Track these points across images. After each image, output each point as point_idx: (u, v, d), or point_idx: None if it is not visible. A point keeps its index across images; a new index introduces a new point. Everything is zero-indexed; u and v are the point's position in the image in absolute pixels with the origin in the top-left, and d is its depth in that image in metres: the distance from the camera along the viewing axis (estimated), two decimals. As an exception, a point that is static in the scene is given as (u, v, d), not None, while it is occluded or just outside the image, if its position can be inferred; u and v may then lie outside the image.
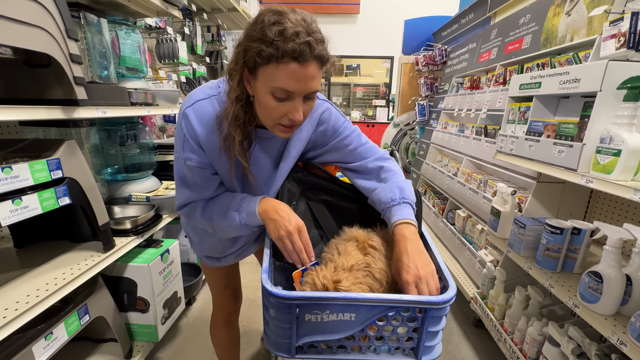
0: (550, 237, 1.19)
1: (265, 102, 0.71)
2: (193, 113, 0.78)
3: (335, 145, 0.91)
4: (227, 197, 0.85)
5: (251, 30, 0.67)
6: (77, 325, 1.09)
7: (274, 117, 0.73)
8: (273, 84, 0.67)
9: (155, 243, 1.53)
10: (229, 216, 0.81)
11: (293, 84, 0.67)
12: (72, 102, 0.95)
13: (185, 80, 2.42)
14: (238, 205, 0.81)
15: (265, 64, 0.66)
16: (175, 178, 0.87)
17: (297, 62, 0.65)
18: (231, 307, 1.21)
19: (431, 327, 0.64)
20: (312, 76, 0.68)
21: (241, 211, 0.80)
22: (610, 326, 0.92)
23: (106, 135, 1.63)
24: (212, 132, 0.78)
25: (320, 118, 0.89)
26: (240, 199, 0.83)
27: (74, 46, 0.93)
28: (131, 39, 1.60)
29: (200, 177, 0.83)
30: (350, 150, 0.92)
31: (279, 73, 0.66)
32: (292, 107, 0.71)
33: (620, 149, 0.90)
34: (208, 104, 0.79)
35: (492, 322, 1.54)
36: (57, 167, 0.95)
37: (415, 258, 0.69)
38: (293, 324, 0.64)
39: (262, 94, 0.70)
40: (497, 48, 2.22)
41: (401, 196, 0.81)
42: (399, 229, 0.76)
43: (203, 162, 0.81)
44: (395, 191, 0.82)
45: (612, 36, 1.20)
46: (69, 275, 1.02)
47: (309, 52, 0.64)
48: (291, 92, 0.68)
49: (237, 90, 0.73)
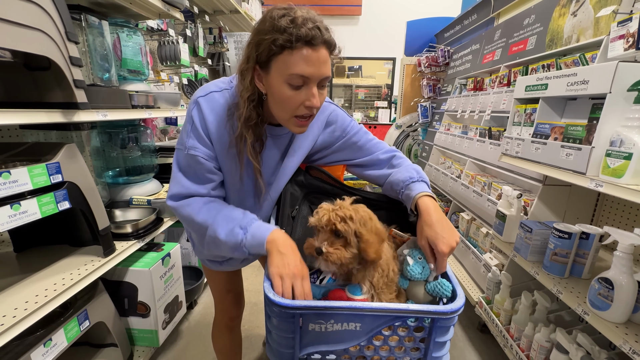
0: (558, 242, 1.17)
1: (280, 94, 0.71)
2: (206, 103, 0.78)
3: (343, 144, 0.93)
4: (234, 210, 0.79)
5: (261, 26, 0.70)
6: (76, 331, 1.07)
7: (291, 108, 0.73)
8: (288, 71, 0.68)
9: (156, 247, 1.51)
10: (232, 232, 0.74)
11: (308, 68, 0.68)
12: (72, 106, 0.94)
13: (187, 82, 2.41)
14: (246, 224, 0.74)
15: (279, 52, 0.68)
16: (172, 168, 0.82)
17: (310, 46, 0.67)
18: (233, 312, 1.19)
19: (439, 337, 0.62)
20: (324, 60, 0.70)
21: (247, 232, 0.73)
22: (621, 334, 0.90)
23: (107, 138, 1.62)
24: (222, 126, 0.78)
25: (328, 120, 0.91)
26: (250, 219, 0.76)
27: (74, 49, 0.92)
28: (133, 41, 1.60)
29: (200, 170, 0.79)
30: (359, 147, 0.94)
31: (293, 59, 0.67)
32: (308, 94, 0.71)
33: (631, 152, 0.88)
34: (220, 97, 0.79)
35: (497, 328, 1.51)
36: (56, 171, 0.94)
37: (446, 228, 0.72)
38: (296, 334, 0.62)
39: (277, 85, 0.71)
40: (501, 49, 2.20)
41: (418, 175, 0.85)
42: (424, 200, 0.77)
43: (207, 154, 0.78)
44: (412, 171, 0.86)
45: (620, 37, 1.18)
46: (68, 281, 1.01)
47: (320, 36, 0.67)
48: (307, 77, 0.69)
49: (249, 89, 0.74)
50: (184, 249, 1.95)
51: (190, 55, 2.32)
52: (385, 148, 0.95)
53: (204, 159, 0.78)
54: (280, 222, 0.85)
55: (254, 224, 0.75)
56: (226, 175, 0.85)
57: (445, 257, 0.70)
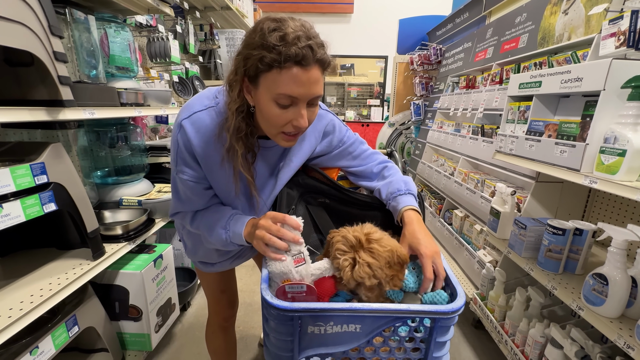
0: (552, 238, 1.18)
1: (268, 111, 0.69)
2: (190, 125, 0.76)
3: (339, 153, 0.94)
4: (215, 212, 0.84)
5: (250, 38, 0.66)
6: (65, 337, 1.04)
7: (278, 126, 0.71)
8: (276, 90, 0.65)
9: (148, 248, 1.48)
10: (216, 232, 0.79)
11: (297, 88, 0.65)
12: (57, 103, 0.90)
13: (177, 79, 2.36)
14: (226, 223, 0.79)
15: (267, 70, 0.65)
16: (171, 186, 0.87)
17: (300, 67, 0.64)
18: (227, 312, 1.18)
19: (440, 337, 0.61)
20: (315, 80, 0.67)
21: (228, 229, 0.78)
22: (616, 329, 0.91)
23: (95, 137, 1.57)
24: (209, 145, 0.76)
25: (325, 130, 0.91)
26: (228, 217, 0.80)
27: (58, 44, 0.88)
28: (121, 37, 1.55)
29: (192, 191, 0.82)
30: (353, 157, 0.96)
31: (282, 78, 0.64)
32: (297, 114, 0.69)
33: (625, 149, 0.88)
34: (206, 116, 0.77)
35: (492, 324, 1.52)
36: (41, 172, 0.90)
37: (427, 237, 0.74)
38: (295, 337, 0.60)
39: (265, 102, 0.69)
40: (493, 47, 2.21)
41: (406, 188, 0.86)
42: (408, 213, 0.79)
43: (196, 177, 0.80)
44: (401, 184, 0.87)
45: (611, 35, 1.19)
46: (55, 286, 0.97)
47: (311, 56, 0.64)
48: (295, 97, 0.66)
49: (238, 101, 0.72)
50: (176, 250, 1.91)
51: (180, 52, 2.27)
52: (378, 159, 0.97)
53: (193, 182, 0.80)
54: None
55: (231, 220, 0.79)
56: (220, 192, 0.85)
57: (428, 259, 0.69)
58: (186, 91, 2.47)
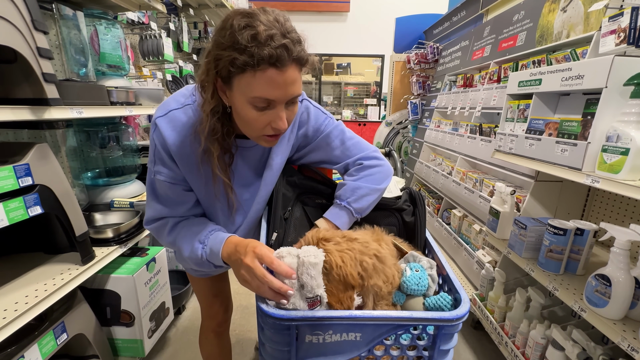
0: (553, 239, 1.16)
1: (245, 114, 0.65)
2: (165, 123, 0.71)
3: (317, 144, 0.86)
4: (194, 225, 0.77)
5: (219, 37, 0.61)
6: (53, 345, 1.00)
7: (257, 129, 0.67)
8: (251, 93, 0.61)
9: (140, 252, 1.44)
10: (193, 247, 0.72)
11: (273, 91, 0.61)
12: (41, 102, 0.86)
13: (171, 78, 2.32)
14: (204, 238, 0.72)
15: (240, 72, 0.60)
16: (146, 190, 0.79)
17: (275, 68, 0.59)
18: (221, 317, 1.15)
19: (443, 345, 0.59)
20: (293, 80, 0.62)
21: (205, 245, 0.72)
22: (619, 331, 0.89)
23: (85, 137, 1.52)
24: (186, 145, 0.72)
25: (299, 120, 0.84)
26: (208, 231, 0.74)
27: (42, 39, 0.84)
28: (111, 34, 1.50)
29: (173, 193, 0.77)
30: (332, 148, 0.86)
31: (257, 81, 0.59)
32: (275, 116, 0.65)
33: (628, 147, 0.86)
34: (181, 114, 0.72)
35: (492, 325, 1.50)
36: (26, 174, 0.86)
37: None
38: (292, 346, 0.57)
39: (241, 105, 0.64)
40: (491, 45, 2.20)
41: (348, 198, 0.80)
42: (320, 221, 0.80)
43: (174, 177, 0.75)
44: (348, 192, 0.81)
45: (611, 32, 1.18)
46: (42, 292, 0.93)
47: (286, 56, 0.59)
48: (272, 100, 0.62)
49: (212, 102, 0.66)
50: (170, 252, 1.87)
51: (174, 50, 2.23)
52: (360, 153, 0.86)
53: (170, 183, 0.75)
54: (272, 224, 0.80)
55: (211, 235, 0.73)
56: (199, 193, 0.80)
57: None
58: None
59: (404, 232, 0.85)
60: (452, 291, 0.64)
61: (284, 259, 0.56)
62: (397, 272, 0.68)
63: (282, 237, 0.79)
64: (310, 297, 0.57)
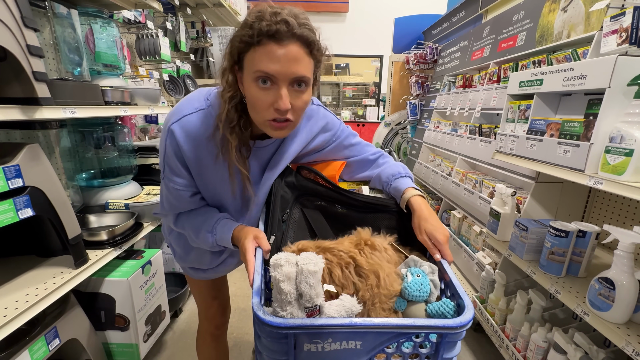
0: (554, 241, 1.14)
1: (250, 94, 0.66)
2: (179, 129, 0.72)
3: (334, 148, 0.93)
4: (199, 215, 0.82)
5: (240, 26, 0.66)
6: (44, 351, 0.97)
7: (261, 109, 0.67)
8: (253, 68, 0.63)
9: (135, 254, 1.41)
10: (202, 235, 0.79)
11: (272, 65, 0.61)
12: (32, 101, 0.84)
13: (168, 78, 2.29)
14: (212, 228, 0.78)
15: (247, 50, 0.63)
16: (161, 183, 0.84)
17: (274, 41, 0.61)
18: (219, 320, 1.13)
19: (447, 353, 0.57)
20: (294, 57, 0.62)
21: (215, 233, 0.78)
22: (624, 335, 0.87)
23: (80, 137, 1.50)
24: (201, 147, 0.73)
25: (324, 127, 0.90)
26: (215, 221, 0.79)
27: (32, 37, 0.81)
28: (107, 33, 1.48)
29: (176, 198, 0.80)
30: (349, 149, 0.95)
31: (258, 56, 0.62)
32: (277, 95, 0.64)
33: (632, 148, 0.85)
34: (196, 119, 0.73)
35: (492, 328, 1.49)
36: (16, 175, 0.84)
37: (439, 222, 0.76)
38: (290, 355, 0.55)
39: (248, 84, 0.66)
40: (490, 46, 2.19)
41: (405, 171, 0.88)
42: (416, 199, 0.80)
43: (183, 184, 0.78)
44: (400, 168, 0.89)
45: (613, 32, 1.16)
46: (33, 296, 0.91)
47: (286, 30, 0.60)
48: (272, 74, 0.62)
49: (230, 90, 0.69)
50: (166, 254, 1.85)
51: (171, 50, 2.20)
52: (372, 150, 0.97)
53: (179, 190, 0.78)
54: (270, 227, 0.78)
55: (218, 225, 0.78)
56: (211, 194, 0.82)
57: (446, 245, 0.72)
58: (177, 90, 2.40)
59: (405, 234, 0.84)
60: (455, 297, 0.62)
61: (283, 268, 0.54)
62: (396, 277, 0.66)
63: (280, 240, 0.78)
64: (308, 307, 0.55)
